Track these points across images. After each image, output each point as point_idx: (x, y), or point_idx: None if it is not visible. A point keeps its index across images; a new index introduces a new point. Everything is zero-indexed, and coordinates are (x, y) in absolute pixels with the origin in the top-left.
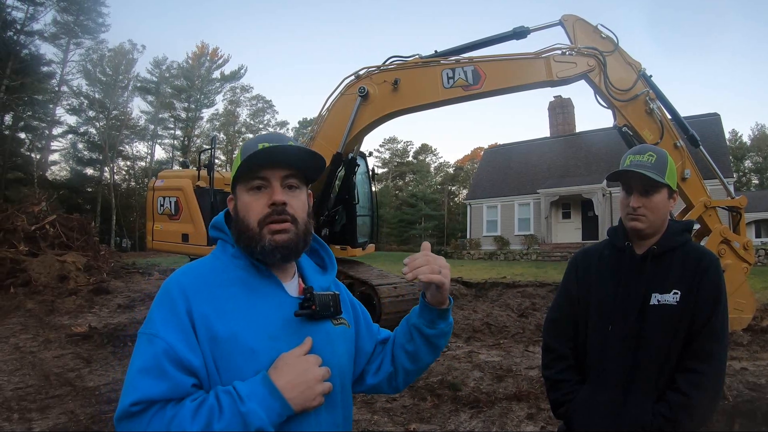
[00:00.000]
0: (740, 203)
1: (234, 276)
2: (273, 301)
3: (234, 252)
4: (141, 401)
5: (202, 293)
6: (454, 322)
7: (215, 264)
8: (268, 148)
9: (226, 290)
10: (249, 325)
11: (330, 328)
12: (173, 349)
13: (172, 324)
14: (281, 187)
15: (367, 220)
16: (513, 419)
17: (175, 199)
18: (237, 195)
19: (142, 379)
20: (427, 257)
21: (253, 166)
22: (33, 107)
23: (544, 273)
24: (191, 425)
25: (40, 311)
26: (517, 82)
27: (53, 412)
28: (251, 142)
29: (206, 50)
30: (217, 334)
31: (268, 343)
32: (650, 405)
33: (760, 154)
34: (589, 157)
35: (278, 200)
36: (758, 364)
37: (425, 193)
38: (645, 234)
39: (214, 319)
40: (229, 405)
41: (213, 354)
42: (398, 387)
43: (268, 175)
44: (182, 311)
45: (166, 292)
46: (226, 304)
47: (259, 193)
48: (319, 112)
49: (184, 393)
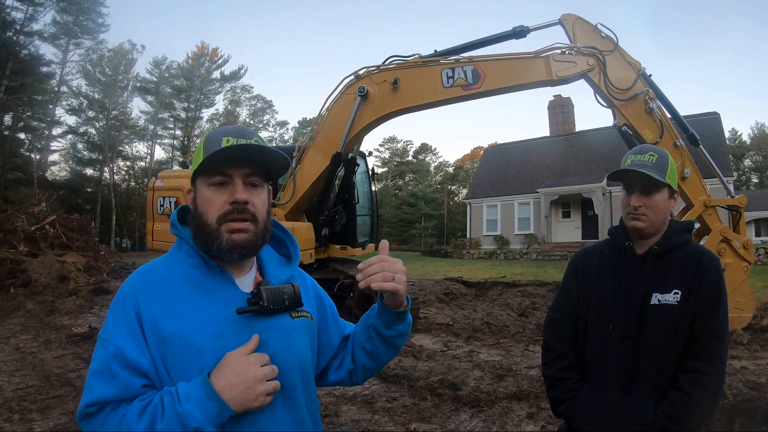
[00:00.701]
0: (740, 202)
1: (185, 274)
2: (221, 299)
3: (188, 250)
4: (94, 402)
5: (152, 293)
6: (420, 320)
7: (170, 262)
8: (233, 148)
9: (177, 289)
10: (196, 323)
11: (287, 322)
12: (122, 352)
13: (122, 327)
14: (243, 185)
15: (366, 219)
16: (513, 418)
17: (175, 200)
18: (197, 188)
19: (96, 382)
20: (382, 263)
21: (217, 162)
22: (33, 108)
23: (544, 272)
24: (137, 425)
25: (41, 312)
26: (517, 81)
27: (54, 412)
28: (215, 135)
29: (206, 50)
30: (164, 333)
31: (213, 342)
32: (652, 404)
33: (759, 153)
34: (588, 156)
35: (240, 198)
36: (758, 363)
37: (425, 193)
38: (646, 233)
39: (161, 318)
40: (169, 406)
41: (161, 354)
42: (358, 381)
43: (231, 171)
44: (131, 314)
45: (119, 295)
46: (175, 303)
47: (220, 188)
48: (319, 112)
49: (135, 393)
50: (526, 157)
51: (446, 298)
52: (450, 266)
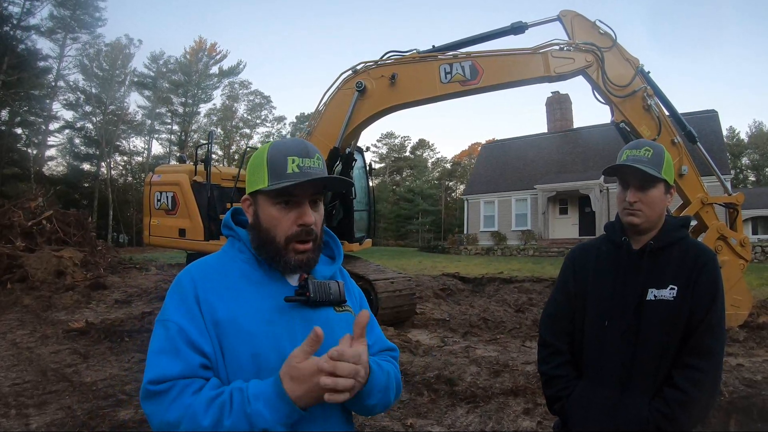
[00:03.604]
0: (737, 200)
1: (238, 267)
2: (271, 290)
3: (240, 247)
4: (158, 379)
5: (209, 282)
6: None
7: (223, 258)
8: (307, 183)
9: (230, 280)
10: (248, 310)
11: (331, 314)
12: (184, 331)
13: (182, 310)
14: (309, 205)
15: (364, 215)
16: (509, 414)
17: (172, 194)
18: (258, 203)
19: (159, 359)
20: (351, 367)
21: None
22: (30, 102)
23: (541, 268)
24: (204, 418)
25: (37, 307)
26: (515, 77)
27: (50, 407)
28: (279, 152)
29: (204, 45)
30: (219, 318)
31: (264, 327)
32: (647, 401)
33: (757, 151)
34: (586, 153)
35: (308, 222)
36: (754, 361)
37: (422, 189)
38: (642, 229)
39: (217, 304)
40: (238, 404)
41: (218, 336)
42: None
43: (298, 192)
44: (191, 298)
45: (177, 282)
46: (229, 291)
47: (286, 208)
48: (317, 107)
49: (196, 373)
50: (524, 154)
51: (443, 293)
52: (447, 262)
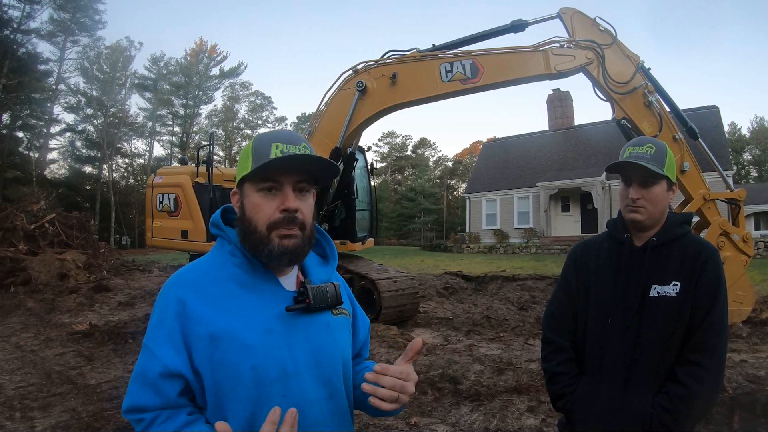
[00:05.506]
0: (739, 196)
1: (230, 273)
2: (267, 296)
3: (231, 249)
4: (131, 408)
5: (199, 293)
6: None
7: (213, 261)
8: (286, 158)
9: (223, 287)
10: (245, 320)
11: (330, 318)
12: (160, 360)
13: (159, 332)
14: (293, 192)
15: (366, 214)
16: (513, 412)
17: (174, 196)
18: (244, 192)
19: (134, 387)
20: (395, 380)
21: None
22: (31, 106)
23: (544, 266)
24: None
25: (41, 310)
26: (516, 75)
27: (55, 410)
28: (263, 140)
29: (205, 46)
30: (214, 332)
31: (263, 338)
32: (650, 397)
33: (759, 146)
34: (587, 150)
35: (291, 207)
36: (757, 356)
37: (424, 187)
38: (644, 226)
39: (212, 317)
40: None
41: (210, 352)
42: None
43: (281, 178)
44: (171, 317)
45: (161, 298)
46: (224, 301)
47: (269, 194)
48: (318, 107)
49: (171, 403)
50: (525, 151)
51: (446, 292)
52: (449, 261)
